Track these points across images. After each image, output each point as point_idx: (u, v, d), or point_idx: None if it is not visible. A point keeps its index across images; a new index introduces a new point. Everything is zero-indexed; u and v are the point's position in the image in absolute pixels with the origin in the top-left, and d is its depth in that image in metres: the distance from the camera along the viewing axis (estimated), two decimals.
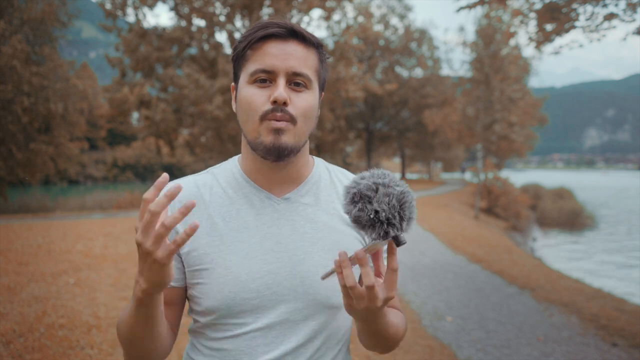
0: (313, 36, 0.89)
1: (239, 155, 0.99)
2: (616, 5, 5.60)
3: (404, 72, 39.80)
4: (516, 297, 5.49)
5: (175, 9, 19.65)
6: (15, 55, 14.63)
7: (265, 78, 0.85)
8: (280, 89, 0.83)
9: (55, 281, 5.35)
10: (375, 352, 0.98)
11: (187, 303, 0.99)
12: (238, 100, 0.90)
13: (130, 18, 19.60)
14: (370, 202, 0.71)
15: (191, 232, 0.67)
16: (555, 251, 14.20)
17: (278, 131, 0.84)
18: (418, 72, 39.26)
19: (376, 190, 0.72)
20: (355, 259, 0.73)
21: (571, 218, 20.12)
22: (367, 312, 0.77)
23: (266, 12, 19.95)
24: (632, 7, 5.48)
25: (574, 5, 5.78)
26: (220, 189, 0.93)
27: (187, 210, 0.67)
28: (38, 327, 3.86)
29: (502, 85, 23.29)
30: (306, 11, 20.89)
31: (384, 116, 41.15)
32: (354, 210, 0.72)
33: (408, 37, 37.30)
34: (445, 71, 38.77)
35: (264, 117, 0.84)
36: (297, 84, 0.86)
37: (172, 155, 25.36)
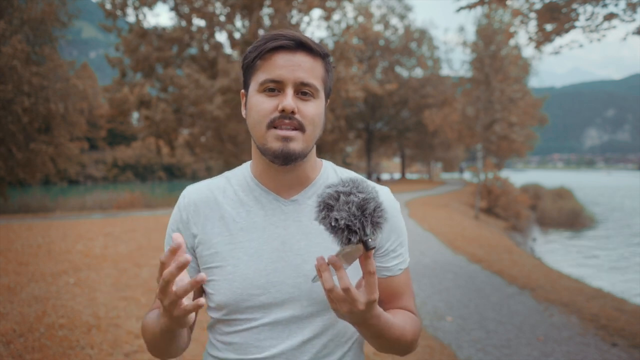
0: (320, 47, 0.93)
1: (250, 161, 1.05)
2: (616, 5, 5.60)
3: (404, 72, 39.80)
4: (516, 297, 5.49)
5: (175, 9, 19.65)
6: (16, 55, 14.63)
7: (274, 88, 0.90)
8: (289, 99, 0.88)
9: (55, 281, 5.35)
10: (385, 353, 1.00)
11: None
12: (248, 108, 0.95)
13: (130, 18, 19.61)
14: (331, 210, 0.75)
15: (195, 284, 0.72)
16: (556, 251, 14.20)
17: (286, 139, 0.89)
18: (418, 72, 39.27)
19: (337, 199, 0.75)
20: (329, 262, 0.78)
21: (571, 218, 20.13)
22: (352, 315, 0.80)
23: (266, 12, 19.95)
24: (632, 7, 5.48)
25: (574, 5, 5.78)
26: (232, 192, 1.00)
27: (196, 283, 0.72)
28: (38, 327, 3.86)
29: (502, 85, 23.29)
30: (306, 11, 20.88)
31: (384, 116, 41.15)
32: (318, 218, 0.77)
33: (408, 37, 37.30)
34: (445, 71, 38.80)
35: (271, 125, 0.90)
36: (305, 94, 0.91)
37: (172, 155, 25.36)
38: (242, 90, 1.00)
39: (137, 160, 53.48)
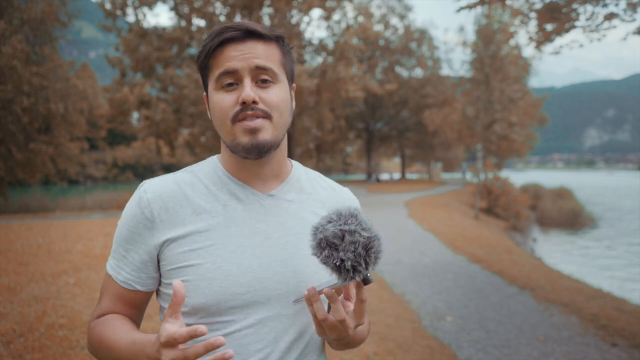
0: (271, 30, 0.90)
1: (218, 155, 0.99)
2: (616, 5, 5.61)
3: (404, 72, 39.82)
4: (516, 297, 5.49)
5: (175, 8, 19.65)
6: (16, 55, 14.63)
7: (232, 81, 0.86)
8: (247, 89, 0.84)
9: (55, 281, 5.35)
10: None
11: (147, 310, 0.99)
12: (210, 108, 0.91)
13: (130, 18, 19.62)
14: (336, 250, 0.74)
15: (210, 347, 0.68)
16: (556, 251, 14.20)
17: (254, 130, 0.85)
18: (418, 72, 39.29)
19: (342, 238, 0.74)
20: (324, 294, 0.77)
21: (571, 218, 20.13)
22: (338, 338, 0.82)
23: (266, 12, 19.96)
24: (632, 7, 5.49)
25: (574, 5, 5.78)
26: (203, 186, 0.92)
27: (211, 347, 0.68)
28: (38, 327, 3.86)
29: (502, 86, 23.31)
30: (306, 11, 20.89)
31: (384, 116, 41.16)
32: (321, 256, 0.75)
33: (408, 37, 37.31)
34: (445, 71, 38.82)
35: (235, 119, 0.85)
36: (264, 81, 0.87)
37: (172, 155, 25.38)
38: (204, 94, 0.95)
39: (137, 160, 53.50)
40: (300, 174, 1.01)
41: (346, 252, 0.73)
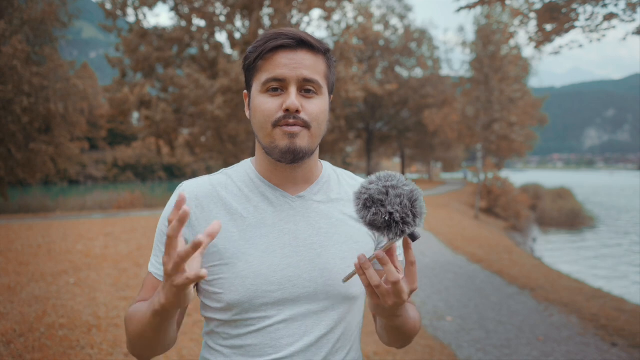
0: (321, 42, 0.93)
1: (251, 158, 1.04)
2: (616, 5, 5.60)
3: (404, 72, 39.80)
4: (516, 297, 5.49)
5: (175, 9, 19.65)
6: (16, 56, 14.63)
7: (277, 87, 0.90)
8: (292, 98, 0.88)
9: (56, 281, 5.35)
10: (394, 347, 1.03)
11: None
12: (252, 109, 0.94)
13: (131, 18, 19.61)
14: (383, 205, 0.75)
15: (195, 246, 0.68)
16: (556, 251, 14.20)
17: (292, 135, 0.88)
18: (418, 72, 39.25)
19: (387, 193, 0.75)
20: (375, 259, 0.77)
21: (571, 218, 20.13)
22: (394, 308, 0.82)
23: (266, 12, 19.96)
24: (632, 7, 5.48)
25: (574, 5, 5.78)
26: (236, 188, 0.97)
27: (196, 246, 0.68)
28: (38, 327, 3.86)
29: (502, 86, 23.30)
30: (306, 11, 20.89)
31: (384, 116, 41.15)
32: (368, 215, 0.75)
33: (408, 37, 37.30)
34: (445, 71, 38.79)
35: (276, 124, 0.89)
36: (308, 91, 0.90)
37: (172, 155, 25.35)
38: (245, 92, 0.99)
39: (137, 160, 53.45)
40: (330, 174, 1.05)
41: (393, 205, 0.74)
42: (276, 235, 0.93)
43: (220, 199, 0.95)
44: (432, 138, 38.63)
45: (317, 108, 0.91)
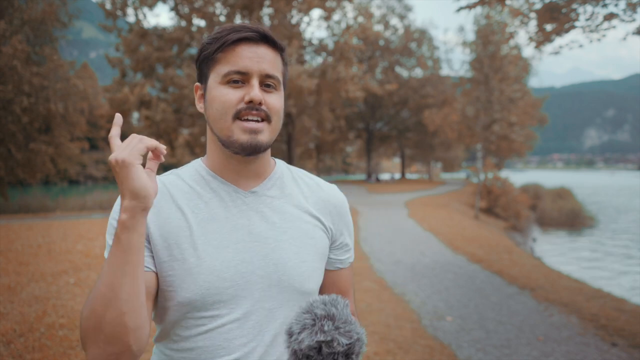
0: (280, 41, 0.94)
1: (201, 157, 1.02)
2: (616, 5, 5.60)
3: (404, 72, 39.82)
4: (516, 297, 5.49)
5: (175, 9, 19.65)
6: (16, 56, 14.64)
7: (239, 79, 0.89)
8: (256, 90, 0.87)
9: (56, 281, 5.35)
10: None
11: None
12: (209, 100, 0.92)
13: (131, 18, 19.62)
14: None
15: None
16: (556, 251, 14.20)
17: (254, 131, 0.88)
18: (418, 72, 39.28)
19: (319, 350, 0.69)
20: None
21: (571, 218, 20.14)
22: None
23: (266, 12, 19.96)
24: (632, 7, 5.49)
25: (574, 5, 5.78)
26: (186, 185, 0.95)
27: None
28: (38, 327, 3.87)
29: (502, 86, 23.32)
30: (306, 11, 20.89)
31: (384, 116, 41.16)
32: None
33: (408, 37, 37.31)
34: (445, 71, 38.81)
35: (237, 116, 0.88)
36: (268, 86, 0.91)
37: (172, 155, 25.38)
38: (197, 84, 0.97)
39: None
40: (284, 171, 1.03)
41: None
42: (228, 230, 0.91)
43: (171, 196, 0.92)
44: (432, 138, 38.64)
45: (277, 102, 0.91)
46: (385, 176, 50.25)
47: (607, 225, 20.50)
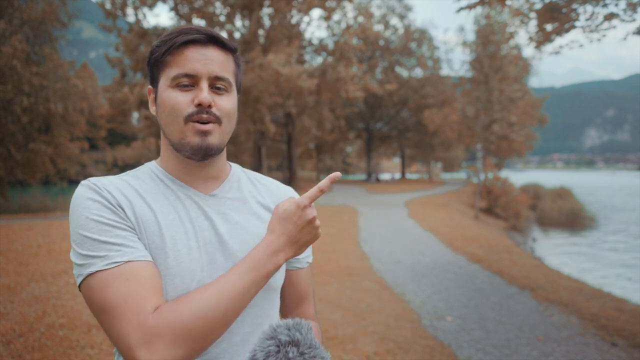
0: (230, 42, 0.93)
1: (153, 161, 1.00)
2: (616, 5, 5.60)
3: (404, 72, 39.82)
4: (516, 297, 5.49)
5: (175, 9, 19.65)
6: (16, 55, 14.63)
7: (188, 82, 0.88)
8: (205, 93, 0.87)
9: (56, 281, 5.35)
10: None
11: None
12: (159, 104, 0.91)
13: (130, 18, 19.63)
14: None
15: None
16: (556, 251, 14.20)
17: (205, 133, 0.88)
18: (418, 72, 39.28)
19: None
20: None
21: (571, 218, 20.14)
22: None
23: (266, 12, 19.95)
24: (632, 7, 5.49)
25: (574, 5, 5.78)
26: (149, 186, 0.93)
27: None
28: (38, 327, 3.86)
29: (502, 85, 23.32)
30: (306, 11, 20.89)
31: (384, 116, 41.17)
32: None
33: (408, 37, 37.31)
34: (445, 71, 38.82)
35: (188, 119, 0.87)
36: (218, 88, 0.90)
37: None
38: (149, 87, 0.96)
39: (137, 160, 53.33)
40: (240, 174, 1.05)
41: None
42: (195, 233, 0.90)
43: (139, 194, 0.90)
44: (432, 138, 38.64)
45: (228, 104, 0.90)
46: (385, 176, 50.25)
47: (607, 226, 20.50)
